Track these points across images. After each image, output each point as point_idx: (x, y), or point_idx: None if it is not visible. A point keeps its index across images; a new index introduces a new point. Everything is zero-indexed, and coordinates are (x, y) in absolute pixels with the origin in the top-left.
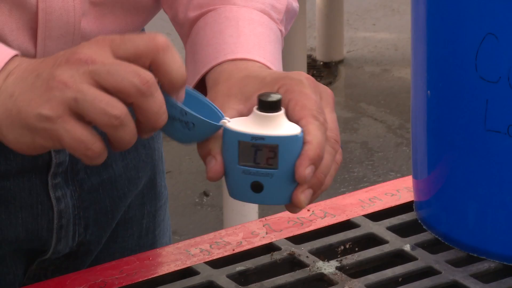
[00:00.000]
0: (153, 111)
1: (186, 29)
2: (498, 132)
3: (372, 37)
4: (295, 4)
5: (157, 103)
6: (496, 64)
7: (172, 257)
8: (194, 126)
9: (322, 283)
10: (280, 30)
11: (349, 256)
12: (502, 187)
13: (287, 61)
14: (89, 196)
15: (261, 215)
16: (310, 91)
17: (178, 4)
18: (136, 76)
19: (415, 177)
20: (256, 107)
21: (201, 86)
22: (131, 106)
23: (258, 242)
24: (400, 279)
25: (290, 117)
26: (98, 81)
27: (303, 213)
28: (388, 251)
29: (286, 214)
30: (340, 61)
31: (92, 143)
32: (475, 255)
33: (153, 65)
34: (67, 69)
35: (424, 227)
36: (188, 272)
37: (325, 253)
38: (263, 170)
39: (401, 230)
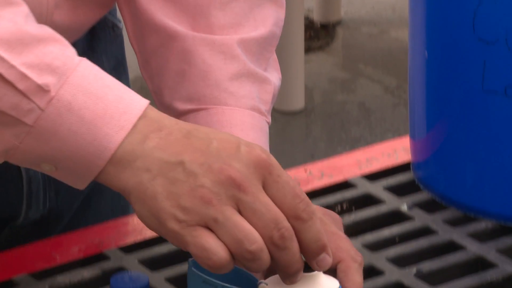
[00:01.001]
0: (284, 262)
1: (171, 115)
2: (496, 92)
3: None
4: (277, 83)
5: (290, 256)
6: (493, 25)
7: None
8: None
9: None
10: (268, 123)
11: (346, 216)
12: (499, 147)
13: (284, 23)
14: None
15: None
16: (335, 229)
17: (161, 84)
18: (276, 228)
19: (412, 138)
20: None
21: None
22: None
23: None
24: (397, 239)
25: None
26: (240, 210)
27: (300, 174)
28: (385, 211)
29: None
30: (338, 22)
31: (216, 254)
32: (472, 214)
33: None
34: (215, 183)
35: (421, 187)
36: None
37: None
38: None
39: (398, 190)
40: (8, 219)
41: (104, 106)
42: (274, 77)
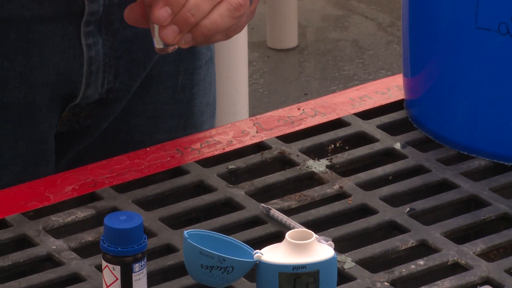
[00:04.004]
0: None
1: None
2: (489, 30)
3: None
4: None
5: None
6: None
7: (162, 156)
8: (233, 270)
9: (313, 182)
10: None
11: (339, 155)
12: (492, 85)
13: None
14: (121, 47)
15: (252, 113)
16: None
17: None
18: None
19: (405, 75)
20: (288, 235)
21: None
22: None
23: (248, 141)
24: (390, 177)
25: None
26: None
27: (294, 112)
28: (379, 149)
29: (277, 113)
30: None
31: None
32: (465, 153)
33: None
34: None
35: (414, 125)
36: (179, 171)
37: (316, 152)
38: None
39: (392, 129)
40: (68, 97)
41: None
42: None
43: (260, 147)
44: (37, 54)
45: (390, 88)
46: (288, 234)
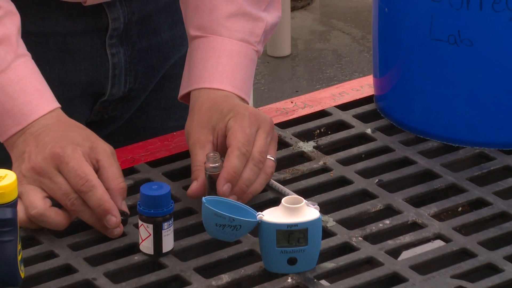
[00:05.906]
0: (86, 220)
1: (188, 38)
2: (441, 40)
3: None
4: (274, 21)
5: (87, 216)
6: None
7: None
8: (240, 227)
9: (303, 159)
10: (257, 51)
11: (323, 138)
12: (443, 84)
13: None
14: (139, 55)
15: (255, 106)
16: (247, 125)
17: (185, 14)
18: (66, 199)
19: (375, 76)
20: (284, 200)
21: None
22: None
23: None
24: (363, 155)
25: (227, 142)
26: (42, 189)
27: (288, 105)
28: (354, 134)
29: (275, 105)
30: None
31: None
32: (422, 136)
33: None
34: (25, 171)
35: (382, 115)
36: None
37: (305, 136)
38: (296, 248)
39: (364, 118)
40: (98, 95)
41: (12, 105)
42: (272, 15)
43: None
44: (71, 60)
45: (363, 86)
46: (283, 200)
